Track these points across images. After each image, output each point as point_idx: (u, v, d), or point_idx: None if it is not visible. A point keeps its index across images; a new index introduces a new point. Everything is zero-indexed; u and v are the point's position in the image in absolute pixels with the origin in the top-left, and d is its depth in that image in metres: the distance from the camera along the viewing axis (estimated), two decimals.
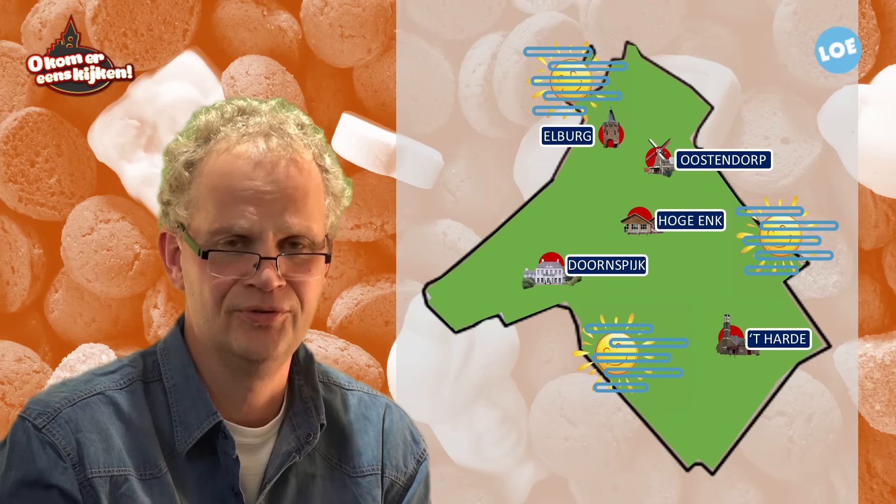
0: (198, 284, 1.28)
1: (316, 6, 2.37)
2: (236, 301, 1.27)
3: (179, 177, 1.30)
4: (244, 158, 1.28)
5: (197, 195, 1.29)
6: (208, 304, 1.28)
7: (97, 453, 1.26)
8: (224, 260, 1.27)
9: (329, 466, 1.37)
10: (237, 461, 1.30)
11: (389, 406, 1.45)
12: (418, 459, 1.44)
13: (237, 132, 1.29)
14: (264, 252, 1.27)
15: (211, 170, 1.28)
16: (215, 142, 1.29)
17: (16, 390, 2.40)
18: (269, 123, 1.30)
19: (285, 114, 1.32)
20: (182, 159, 1.30)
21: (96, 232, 2.43)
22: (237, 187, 1.27)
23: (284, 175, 1.28)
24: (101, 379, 1.31)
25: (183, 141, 1.32)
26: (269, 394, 1.33)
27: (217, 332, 1.29)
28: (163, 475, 1.28)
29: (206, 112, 1.33)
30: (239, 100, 1.34)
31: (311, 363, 1.39)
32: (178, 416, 1.30)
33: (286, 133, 1.30)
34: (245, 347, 1.28)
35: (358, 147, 2.32)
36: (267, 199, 1.27)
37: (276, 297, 1.27)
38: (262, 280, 1.26)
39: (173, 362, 1.33)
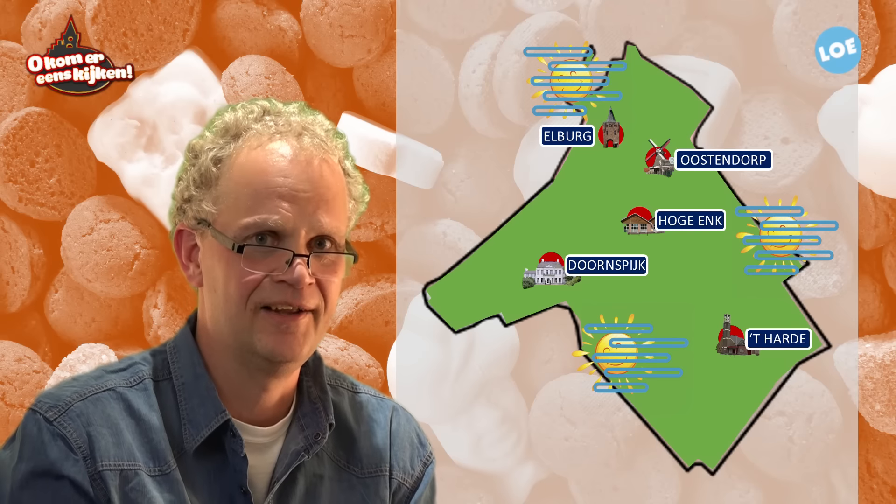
0: (223, 280, 1.28)
1: (316, 6, 2.37)
2: (265, 296, 1.27)
3: (206, 172, 1.30)
4: (278, 155, 1.28)
5: (226, 190, 1.28)
6: (233, 300, 1.28)
7: (107, 447, 1.26)
8: (257, 255, 1.27)
9: (337, 467, 1.37)
10: (245, 459, 1.30)
11: (397, 409, 1.45)
12: (425, 462, 1.44)
13: (269, 129, 1.30)
14: (297, 249, 1.27)
15: (243, 165, 1.29)
16: (245, 139, 1.30)
17: (16, 390, 2.40)
18: (300, 123, 1.31)
19: (312, 117, 1.33)
20: (210, 155, 1.30)
21: (96, 232, 2.43)
22: (272, 183, 1.27)
23: (318, 174, 1.28)
24: (112, 376, 1.32)
25: (210, 137, 1.32)
26: (280, 393, 1.34)
27: (240, 331, 1.29)
28: (172, 472, 1.28)
29: (231, 111, 1.33)
30: (262, 100, 1.34)
31: (319, 364, 1.39)
32: (187, 413, 1.30)
33: (317, 134, 1.30)
34: (270, 349, 1.28)
35: (358, 147, 2.32)
36: (302, 197, 1.27)
37: (306, 294, 1.27)
38: (295, 276, 1.26)
39: (183, 361, 1.33)
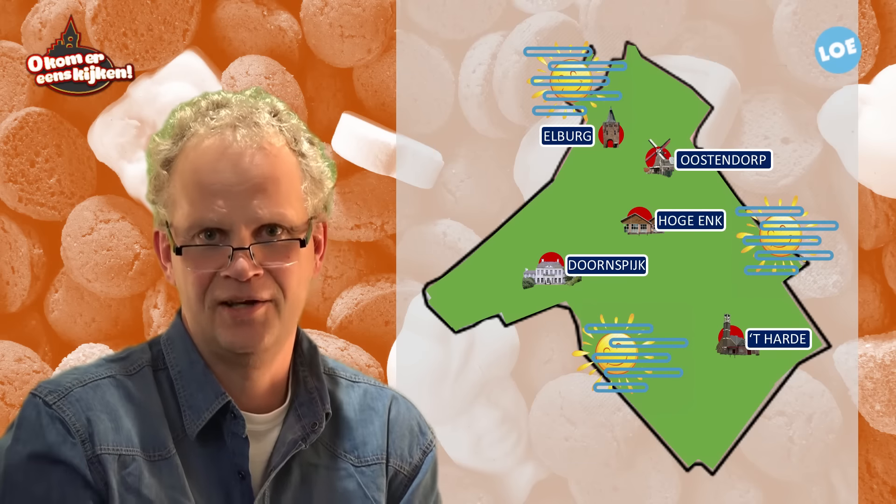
0: (182, 280, 1.30)
1: (316, 6, 2.37)
2: (216, 294, 1.28)
3: (158, 176, 1.32)
4: (210, 152, 1.29)
5: (173, 193, 1.30)
6: (192, 298, 1.29)
7: (106, 432, 1.26)
8: (198, 254, 1.28)
9: (333, 456, 1.37)
10: (246, 441, 1.30)
11: (396, 397, 1.45)
12: (424, 450, 1.43)
13: (206, 126, 1.30)
14: (237, 243, 1.27)
15: (183, 167, 1.30)
16: (187, 138, 1.31)
17: (16, 390, 2.40)
18: (236, 114, 1.30)
19: (257, 102, 1.32)
20: (160, 158, 1.31)
21: (96, 232, 2.43)
22: (205, 181, 1.28)
23: (250, 164, 1.28)
24: (112, 365, 1.33)
25: (159, 140, 1.33)
26: (267, 382, 1.34)
27: (205, 327, 1.30)
28: (171, 457, 1.29)
29: (181, 109, 1.33)
30: (214, 93, 1.35)
31: (314, 354, 1.39)
32: (186, 400, 1.31)
33: (254, 122, 1.30)
34: (231, 342, 1.29)
35: (358, 147, 2.32)
36: (234, 191, 1.27)
37: (254, 286, 1.28)
38: (236, 270, 1.27)
39: (177, 350, 1.34)
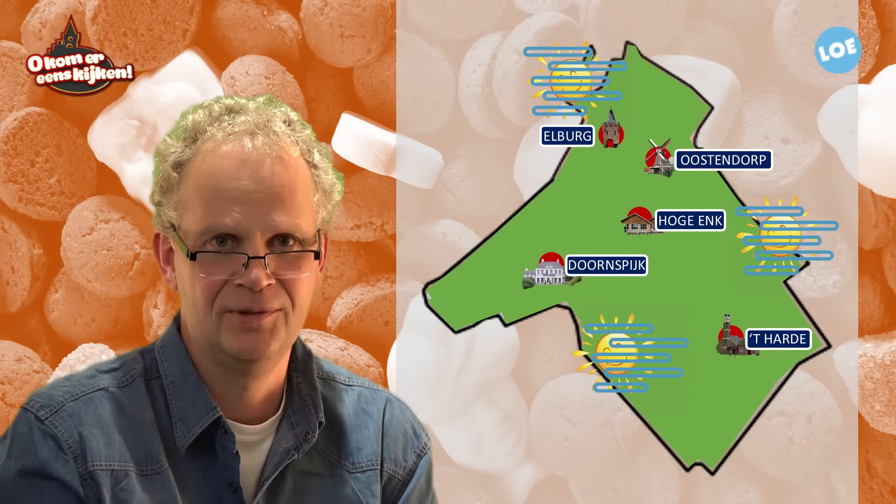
0: (189, 285, 1.28)
1: (316, 6, 2.37)
2: (227, 301, 1.27)
3: (168, 178, 1.30)
4: (230, 158, 1.28)
5: (185, 196, 1.29)
6: (199, 304, 1.28)
7: (98, 447, 1.26)
8: (212, 260, 1.27)
9: (328, 463, 1.37)
10: (237, 456, 1.30)
11: (390, 400, 1.44)
12: (419, 453, 1.43)
13: (223, 131, 1.29)
14: (252, 251, 1.26)
15: (198, 171, 1.29)
16: (202, 142, 1.29)
17: (16, 390, 2.40)
18: (254, 121, 1.30)
19: (272, 110, 1.32)
20: (171, 160, 1.30)
21: (96, 232, 2.43)
22: (223, 187, 1.27)
23: (270, 173, 1.27)
24: (104, 376, 1.31)
25: (171, 142, 1.32)
26: (265, 392, 1.33)
27: (209, 333, 1.29)
28: (164, 471, 1.28)
29: (193, 111, 1.33)
30: (227, 98, 1.34)
31: (309, 360, 1.38)
32: (177, 412, 1.30)
33: (272, 131, 1.29)
34: (237, 348, 1.28)
35: (358, 147, 2.32)
36: (253, 199, 1.27)
37: (266, 296, 1.27)
38: (251, 279, 1.26)
39: (171, 360, 1.33)
